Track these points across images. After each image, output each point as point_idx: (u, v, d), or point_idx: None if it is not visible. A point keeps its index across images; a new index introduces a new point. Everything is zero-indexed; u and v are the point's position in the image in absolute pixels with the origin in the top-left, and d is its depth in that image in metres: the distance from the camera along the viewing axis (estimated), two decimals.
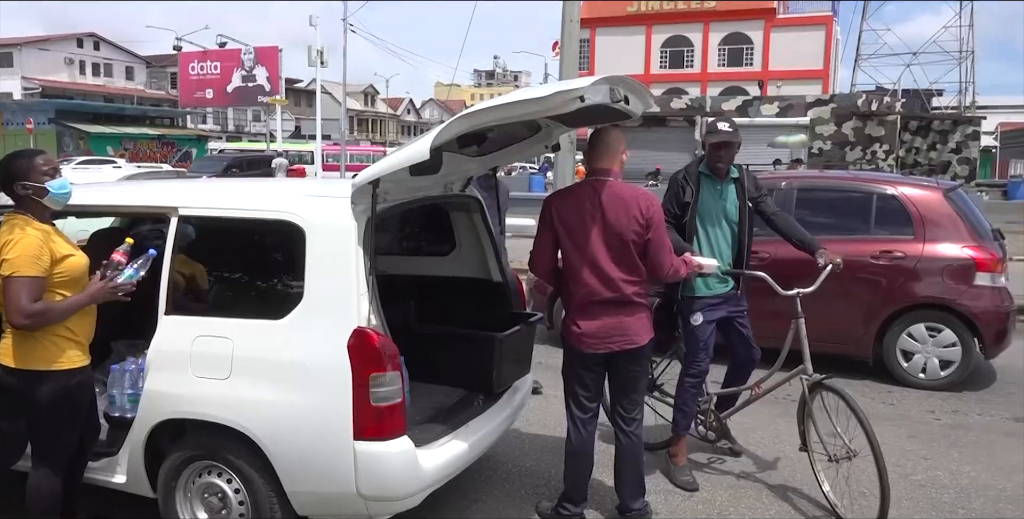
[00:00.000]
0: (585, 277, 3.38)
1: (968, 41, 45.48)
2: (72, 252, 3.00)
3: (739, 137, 4.09)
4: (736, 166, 4.20)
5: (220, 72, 38.06)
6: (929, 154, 29.14)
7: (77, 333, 2.98)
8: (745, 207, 4.14)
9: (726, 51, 49.55)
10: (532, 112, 2.99)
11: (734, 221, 4.16)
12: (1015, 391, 5.92)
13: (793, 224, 4.23)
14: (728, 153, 4.10)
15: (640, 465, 3.64)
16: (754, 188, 4.20)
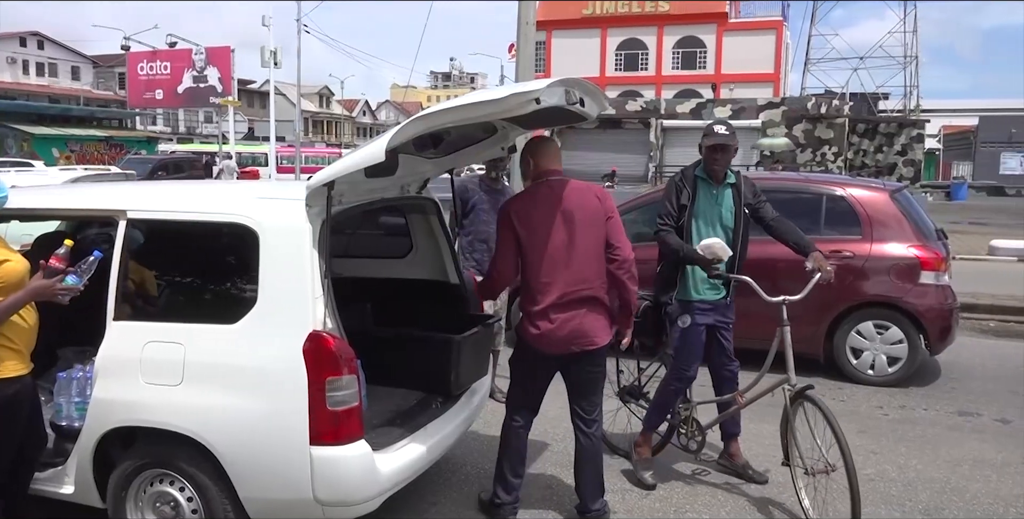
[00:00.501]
0: (555, 277, 3.38)
1: (912, 46, 46.79)
2: (8, 258, 2.88)
3: (735, 140, 4.01)
4: (734, 171, 4.12)
5: (170, 72, 37.29)
6: (876, 156, 29.88)
7: (15, 341, 2.87)
8: (741, 212, 4.05)
9: (680, 54, 50.21)
10: (488, 114, 3.00)
11: (729, 227, 4.07)
12: (958, 386, 6.11)
13: (791, 229, 4.07)
14: (724, 156, 4.01)
15: (600, 465, 3.67)
16: (751, 194, 4.10)
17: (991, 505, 3.98)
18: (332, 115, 77.10)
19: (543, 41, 47.78)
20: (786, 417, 3.78)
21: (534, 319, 3.45)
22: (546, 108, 3.02)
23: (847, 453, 3.41)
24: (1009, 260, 13.03)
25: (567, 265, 3.39)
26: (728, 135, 4.00)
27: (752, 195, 4.09)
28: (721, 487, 4.15)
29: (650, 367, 4.47)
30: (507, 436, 3.65)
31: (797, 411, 3.71)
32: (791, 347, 3.82)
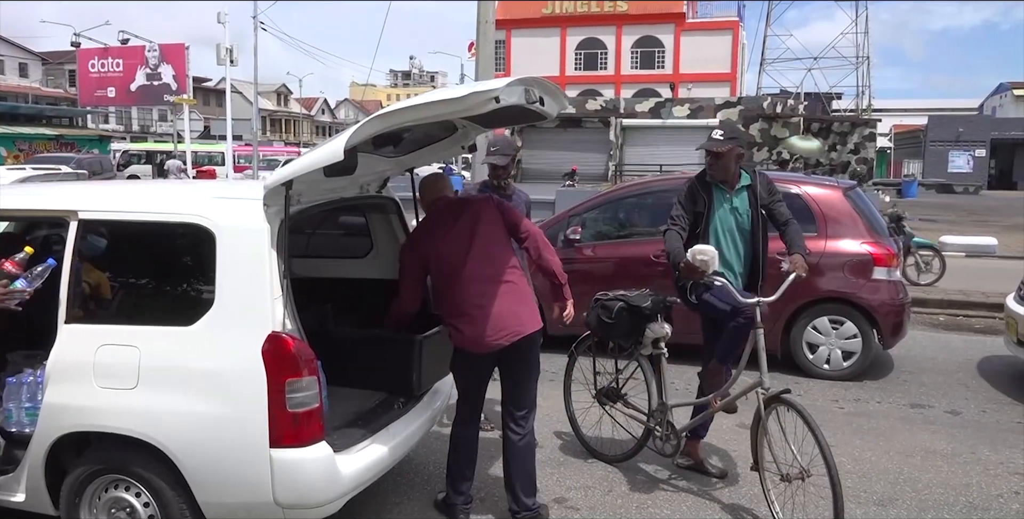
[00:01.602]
0: (466, 277, 3.44)
1: (864, 47, 47.82)
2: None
3: (727, 146, 3.88)
4: (749, 171, 4.03)
5: (123, 70, 36.45)
6: (830, 155, 30.46)
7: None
8: (757, 215, 3.96)
9: (638, 54, 50.65)
10: (448, 113, 2.99)
11: (746, 230, 4.01)
12: (910, 379, 6.26)
13: (796, 233, 3.97)
14: (719, 162, 3.94)
15: (531, 463, 3.67)
16: (767, 193, 4.00)
17: (942, 494, 4.09)
18: (290, 113, 76.17)
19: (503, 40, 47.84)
20: (758, 421, 3.67)
21: (456, 323, 3.49)
22: (506, 107, 3.02)
23: (830, 460, 3.29)
24: (957, 256, 13.39)
25: (475, 263, 3.45)
26: (720, 140, 3.91)
27: (768, 194, 4.00)
28: (684, 489, 4.20)
29: (627, 368, 4.35)
30: (455, 441, 3.67)
31: (770, 415, 3.62)
32: (764, 349, 3.75)
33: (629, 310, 4.05)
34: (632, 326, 4.08)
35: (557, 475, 4.28)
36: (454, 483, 3.68)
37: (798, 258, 3.80)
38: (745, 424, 5.06)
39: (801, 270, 3.75)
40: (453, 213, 3.58)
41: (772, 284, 3.93)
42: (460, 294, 3.46)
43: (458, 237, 3.50)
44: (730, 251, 4.06)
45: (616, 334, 4.09)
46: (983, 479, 4.28)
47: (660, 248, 6.52)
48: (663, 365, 4.12)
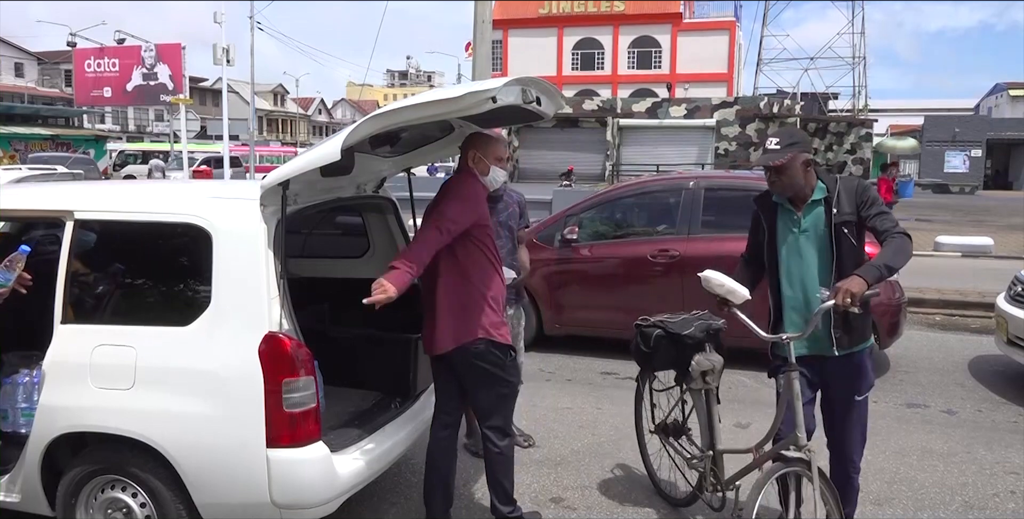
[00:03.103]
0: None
1: (860, 47, 47.88)
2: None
3: (786, 155, 3.05)
4: (828, 179, 3.18)
5: (119, 70, 36.35)
6: (827, 154, 30.52)
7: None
8: (833, 237, 3.10)
9: (635, 54, 50.69)
10: (444, 113, 2.98)
11: (823, 253, 3.14)
12: (906, 379, 6.27)
13: (881, 257, 2.93)
14: (779, 178, 3.13)
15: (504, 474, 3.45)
16: (853, 205, 3.11)
17: (938, 494, 4.10)
18: (287, 113, 76.08)
19: (500, 40, 47.88)
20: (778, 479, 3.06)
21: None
22: (503, 107, 3.02)
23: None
24: (954, 256, 13.42)
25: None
26: (775, 151, 3.07)
27: (857, 206, 3.10)
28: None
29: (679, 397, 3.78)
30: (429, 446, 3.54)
31: (788, 478, 3.05)
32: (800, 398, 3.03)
33: (669, 338, 3.49)
34: (675, 356, 3.48)
35: (554, 475, 4.28)
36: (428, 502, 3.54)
37: (844, 286, 2.82)
38: (742, 423, 5.07)
39: (841, 301, 2.81)
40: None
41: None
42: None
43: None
44: (805, 279, 3.18)
45: (657, 365, 3.63)
46: (979, 478, 4.29)
47: (657, 248, 6.57)
48: (712, 402, 3.47)
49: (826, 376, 3.25)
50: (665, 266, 6.40)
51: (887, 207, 3.12)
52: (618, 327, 6.67)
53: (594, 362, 6.64)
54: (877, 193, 3.12)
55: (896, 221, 3.03)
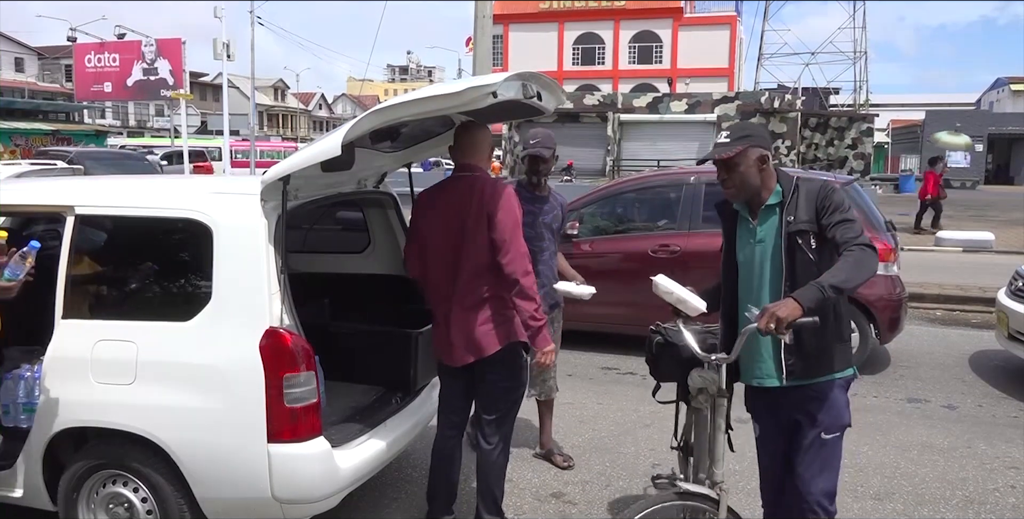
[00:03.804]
0: (433, 277, 3.31)
1: (861, 42, 47.80)
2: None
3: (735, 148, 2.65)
4: (784, 183, 2.71)
5: (119, 65, 36.29)
6: (828, 149, 30.47)
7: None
8: (782, 248, 2.65)
9: (636, 49, 50.60)
10: (445, 108, 2.98)
11: (777, 266, 2.68)
12: (907, 374, 6.28)
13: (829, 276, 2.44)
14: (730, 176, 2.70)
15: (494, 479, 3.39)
16: (810, 212, 2.63)
17: (939, 489, 4.10)
18: (287, 109, 76.03)
19: (500, 35, 47.78)
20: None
21: (432, 323, 3.40)
22: (503, 102, 3.01)
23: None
24: (954, 250, 13.42)
25: (457, 269, 3.22)
26: (724, 144, 2.69)
27: (816, 213, 2.62)
28: None
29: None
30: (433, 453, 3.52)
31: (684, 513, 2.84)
32: (721, 428, 2.78)
33: (668, 347, 3.02)
34: (677, 367, 2.96)
35: (555, 470, 4.29)
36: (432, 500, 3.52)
37: (772, 309, 2.40)
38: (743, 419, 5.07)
39: (764, 325, 2.39)
40: (446, 198, 3.27)
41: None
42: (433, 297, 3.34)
43: (438, 232, 3.27)
44: (762, 292, 2.73)
45: (660, 375, 3.11)
46: (979, 473, 4.29)
47: (658, 243, 6.57)
48: (705, 426, 2.91)
49: (782, 409, 2.78)
50: (666, 261, 6.39)
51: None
52: (619, 322, 6.68)
53: (595, 357, 6.64)
54: (843, 198, 2.64)
55: (861, 231, 2.54)
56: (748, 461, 4.17)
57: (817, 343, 2.67)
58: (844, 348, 2.76)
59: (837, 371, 2.75)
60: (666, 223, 6.78)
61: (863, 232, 2.56)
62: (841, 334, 2.75)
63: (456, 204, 3.22)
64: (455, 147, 3.40)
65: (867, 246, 2.50)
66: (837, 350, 2.73)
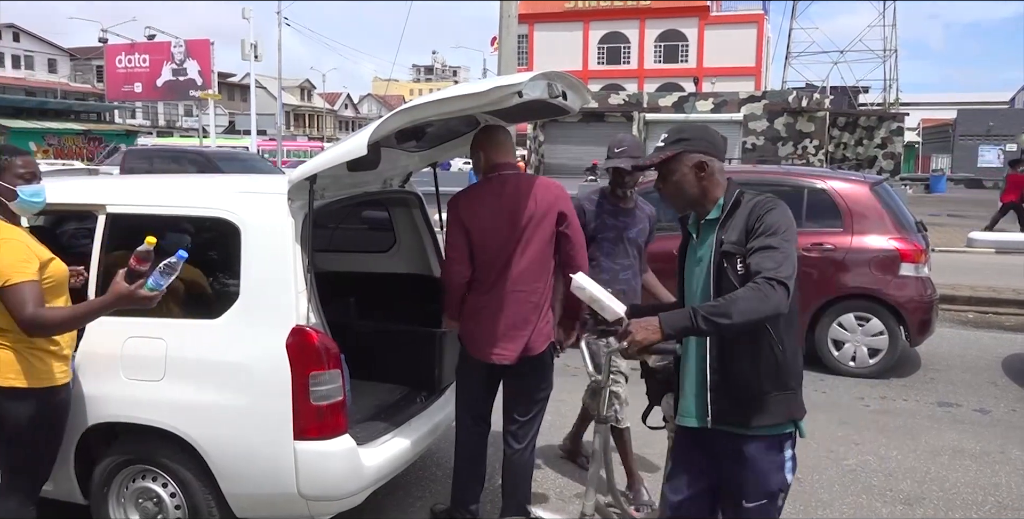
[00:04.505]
0: (498, 279, 3.24)
1: (892, 40, 47.16)
2: (53, 256, 2.78)
3: (665, 153, 2.36)
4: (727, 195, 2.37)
5: (149, 65, 36.87)
6: (856, 149, 30.11)
7: (65, 347, 2.78)
8: (712, 269, 2.31)
9: (662, 48, 50.34)
10: (471, 107, 2.98)
11: (706, 289, 2.33)
12: (937, 377, 6.18)
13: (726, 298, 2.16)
14: (662, 184, 2.41)
15: (522, 481, 3.42)
16: (742, 232, 2.27)
17: (970, 494, 4.03)
18: (314, 108, 76.63)
19: (525, 35, 47.80)
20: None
21: (479, 323, 3.29)
22: (529, 101, 3.00)
23: None
24: (987, 252, 13.18)
25: (512, 267, 3.22)
26: (658, 148, 2.39)
27: (746, 233, 2.27)
28: None
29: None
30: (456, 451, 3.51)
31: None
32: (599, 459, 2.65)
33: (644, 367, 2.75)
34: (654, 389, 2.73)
35: (579, 472, 4.27)
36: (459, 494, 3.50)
37: (632, 327, 2.21)
38: None
39: (627, 344, 2.21)
40: (512, 195, 3.22)
41: None
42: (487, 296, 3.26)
43: (505, 230, 3.21)
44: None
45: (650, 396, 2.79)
46: (1012, 479, 4.22)
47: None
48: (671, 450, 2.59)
49: (704, 457, 2.39)
50: None
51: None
52: None
53: None
54: (779, 220, 2.25)
55: (782, 262, 2.16)
56: None
57: (747, 386, 2.25)
58: (786, 399, 2.27)
59: (769, 425, 2.26)
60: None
61: (784, 264, 2.16)
62: (784, 381, 2.27)
63: (517, 202, 3.22)
64: (488, 148, 3.36)
65: (777, 282, 2.13)
66: (775, 400, 2.25)
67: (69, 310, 2.63)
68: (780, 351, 2.25)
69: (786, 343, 2.27)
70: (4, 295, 2.54)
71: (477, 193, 3.31)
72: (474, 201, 3.29)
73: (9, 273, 2.53)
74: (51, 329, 2.59)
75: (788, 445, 2.31)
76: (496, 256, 3.23)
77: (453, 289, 3.34)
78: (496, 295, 3.24)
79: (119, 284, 2.42)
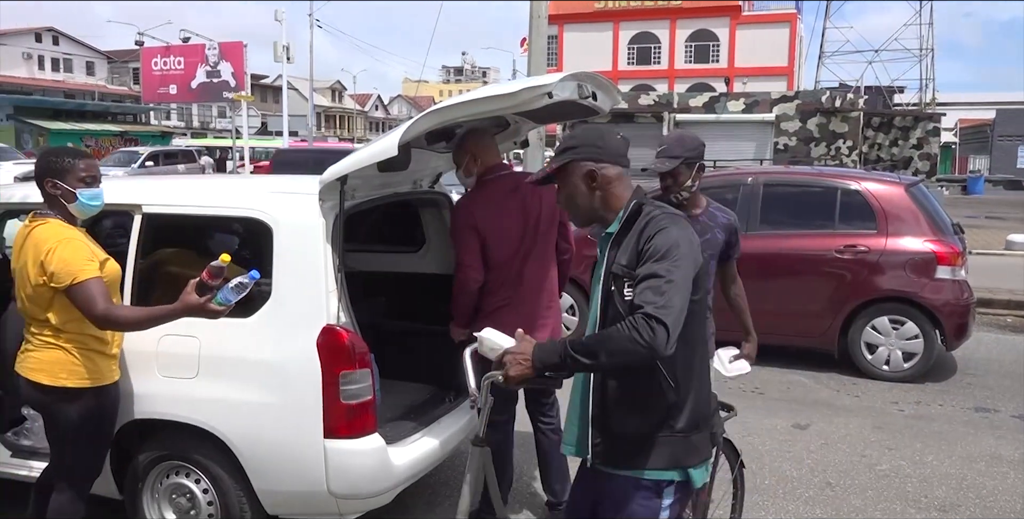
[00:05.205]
0: (513, 275, 3.33)
1: (928, 39, 46.34)
2: (108, 256, 2.87)
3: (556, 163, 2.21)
4: (629, 209, 2.14)
5: (183, 68, 37.38)
6: (891, 150, 29.60)
7: (112, 345, 2.87)
8: (600, 288, 2.14)
9: (692, 48, 49.94)
10: (501, 108, 2.99)
11: (595, 312, 2.16)
12: (974, 382, 6.06)
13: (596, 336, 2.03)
14: (559, 196, 2.27)
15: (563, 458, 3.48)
16: (632, 254, 2.05)
17: (1008, 502, 3.95)
18: (344, 110, 77.25)
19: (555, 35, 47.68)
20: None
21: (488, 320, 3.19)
22: (559, 102, 3.00)
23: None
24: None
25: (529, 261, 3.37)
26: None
27: (636, 255, 2.04)
28: None
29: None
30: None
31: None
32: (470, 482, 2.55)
33: None
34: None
35: None
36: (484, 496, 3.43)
37: (507, 356, 2.12)
38: (800, 424, 4.97)
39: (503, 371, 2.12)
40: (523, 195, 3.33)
41: None
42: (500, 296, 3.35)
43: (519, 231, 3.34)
44: None
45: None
46: None
47: None
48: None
49: (589, 493, 2.26)
50: None
51: None
52: None
53: None
54: (668, 244, 1.99)
55: (665, 295, 1.91)
56: (806, 468, 4.11)
57: (628, 425, 2.08)
58: (672, 443, 2.07)
59: (650, 468, 2.07)
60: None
61: (669, 297, 1.91)
62: (672, 424, 2.06)
63: (524, 199, 3.34)
64: (481, 151, 3.44)
65: (656, 321, 1.87)
66: (660, 442, 2.07)
67: (142, 312, 2.70)
68: (672, 391, 2.04)
69: (682, 382, 2.06)
70: (72, 293, 2.62)
71: (487, 196, 3.38)
72: (485, 204, 3.35)
73: (75, 271, 2.61)
74: (122, 326, 2.68)
75: (669, 492, 2.11)
76: (513, 254, 3.32)
77: (467, 296, 3.38)
78: (515, 291, 3.34)
79: (191, 295, 2.48)
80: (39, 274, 2.66)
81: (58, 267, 2.62)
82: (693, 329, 2.06)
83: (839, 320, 6.07)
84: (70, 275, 2.61)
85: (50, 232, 2.71)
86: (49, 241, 2.67)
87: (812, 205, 6.51)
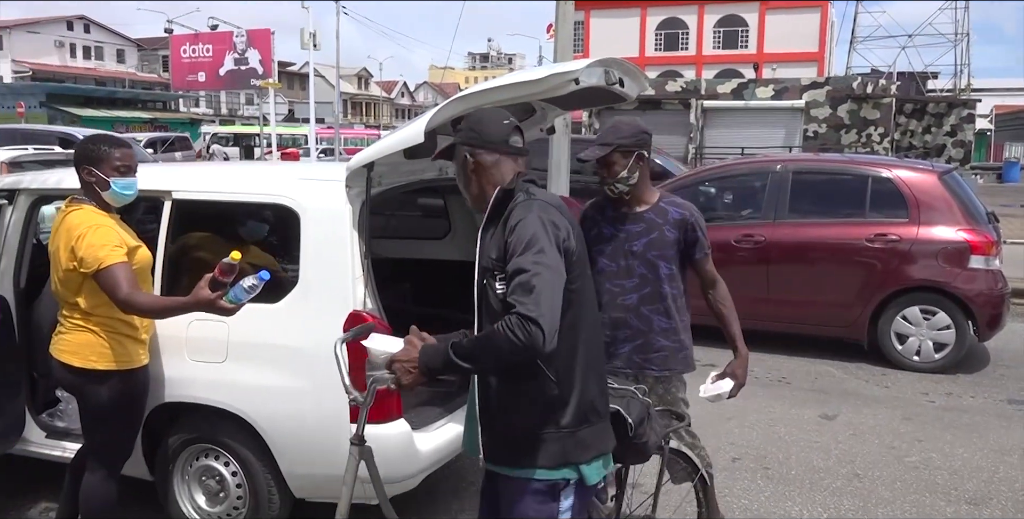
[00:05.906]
0: None
1: (963, 23, 45.34)
2: (140, 243, 2.92)
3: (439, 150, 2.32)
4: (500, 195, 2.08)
5: (212, 55, 37.67)
6: (924, 137, 29.08)
7: (141, 330, 2.92)
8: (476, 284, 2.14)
9: (721, 34, 49.32)
10: (527, 94, 2.97)
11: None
12: (1008, 374, 5.96)
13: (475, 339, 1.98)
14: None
15: None
16: (500, 248, 2.00)
17: None
18: (371, 97, 77.44)
19: (581, 21, 47.30)
20: None
21: None
22: (585, 89, 2.98)
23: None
24: None
25: None
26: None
27: (503, 248, 1.99)
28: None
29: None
30: None
31: None
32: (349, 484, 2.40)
33: None
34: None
35: None
36: None
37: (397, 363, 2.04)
38: (828, 414, 4.92)
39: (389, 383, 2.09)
40: None
41: None
42: None
43: None
44: None
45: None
46: None
47: (742, 233, 6.42)
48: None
49: (487, 495, 2.21)
50: (749, 252, 6.24)
51: None
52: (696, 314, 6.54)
53: None
54: (530, 234, 1.89)
55: (534, 291, 1.81)
56: (833, 459, 4.08)
57: (511, 422, 2.01)
58: (561, 438, 1.99)
59: (540, 467, 1.99)
60: (750, 212, 6.62)
61: (539, 292, 1.81)
62: (557, 419, 1.98)
63: None
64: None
65: (530, 321, 1.78)
66: (546, 438, 1.98)
67: (159, 301, 2.78)
68: (553, 385, 1.96)
69: (564, 376, 1.98)
70: (99, 277, 2.67)
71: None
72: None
73: (102, 257, 2.66)
74: (142, 312, 2.72)
75: (567, 493, 2.01)
76: None
77: None
78: None
79: (203, 290, 2.48)
80: (69, 259, 2.72)
81: (87, 252, 2.67)
82: (579, 317, 1.98)
83: (869, 310, 5.99)
84: (97, 260, 2.66)
85: (82, 218, 2.76)
86: (80, 227, 2.72)
87: (842, 193, 6.44)
